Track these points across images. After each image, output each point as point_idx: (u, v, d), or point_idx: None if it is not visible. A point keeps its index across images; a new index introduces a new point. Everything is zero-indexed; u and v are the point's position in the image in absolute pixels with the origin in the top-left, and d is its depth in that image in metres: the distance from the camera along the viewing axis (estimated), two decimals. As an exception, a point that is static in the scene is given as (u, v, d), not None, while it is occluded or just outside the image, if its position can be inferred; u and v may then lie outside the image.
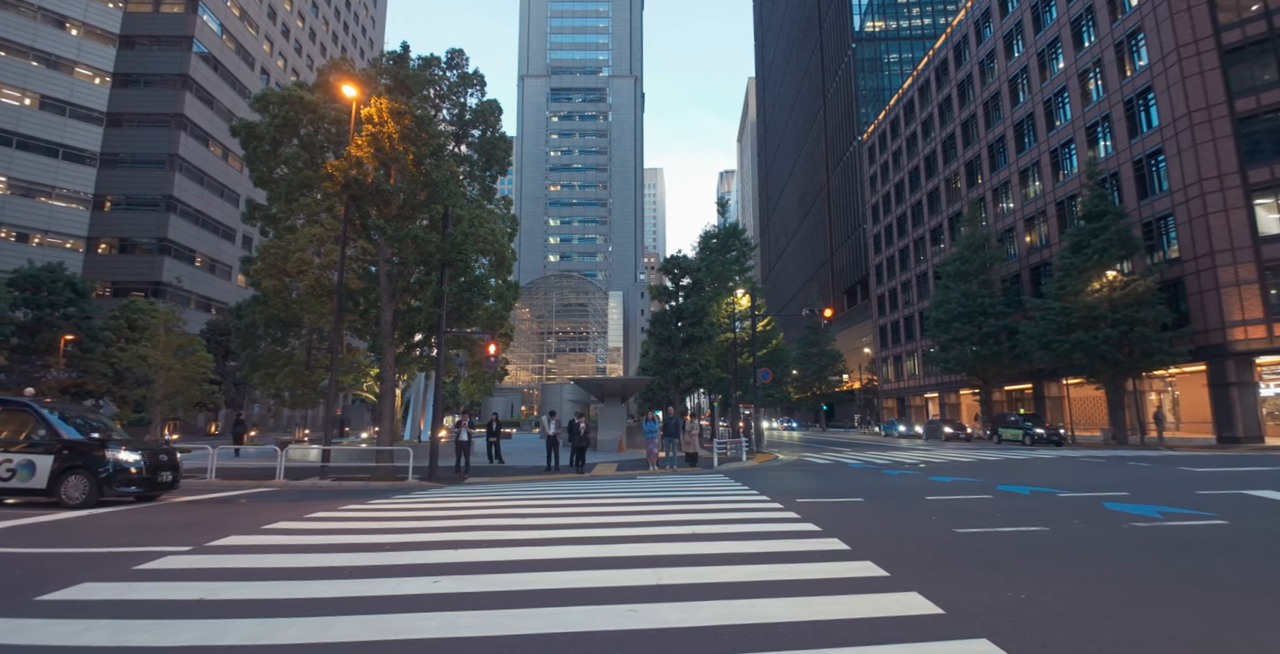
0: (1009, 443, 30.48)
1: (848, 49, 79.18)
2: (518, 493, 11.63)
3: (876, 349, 63.52)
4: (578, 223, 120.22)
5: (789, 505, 8.63)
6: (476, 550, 6.21)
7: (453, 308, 15.93)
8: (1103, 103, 33.92)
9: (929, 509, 8.31)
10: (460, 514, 8.78)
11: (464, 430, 15.58)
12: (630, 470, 16.47)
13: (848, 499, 9.40)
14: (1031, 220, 39.63)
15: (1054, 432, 29.00)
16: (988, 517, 7.64)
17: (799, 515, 7.69)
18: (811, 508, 8.48)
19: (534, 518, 8.31)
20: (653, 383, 28.57)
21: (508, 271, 22.33)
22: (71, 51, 53.38)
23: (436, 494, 11.81)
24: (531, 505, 9.57)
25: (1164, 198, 30.21)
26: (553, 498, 10.54)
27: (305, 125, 18.70)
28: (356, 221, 15.07)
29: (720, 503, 9.19)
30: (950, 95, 49.07)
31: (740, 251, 31.41)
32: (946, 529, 6.83)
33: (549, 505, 9.59)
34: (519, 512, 8.89)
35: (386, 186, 14.08)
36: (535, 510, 8.95)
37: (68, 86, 52.78)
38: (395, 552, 6.11)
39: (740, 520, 7.44)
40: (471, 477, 15.51)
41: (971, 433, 36.44)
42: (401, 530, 7.48)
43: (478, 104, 21.94)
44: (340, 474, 14.94)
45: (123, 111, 54.28)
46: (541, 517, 8.38)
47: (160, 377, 21.83)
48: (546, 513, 8.70)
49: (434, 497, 11.34)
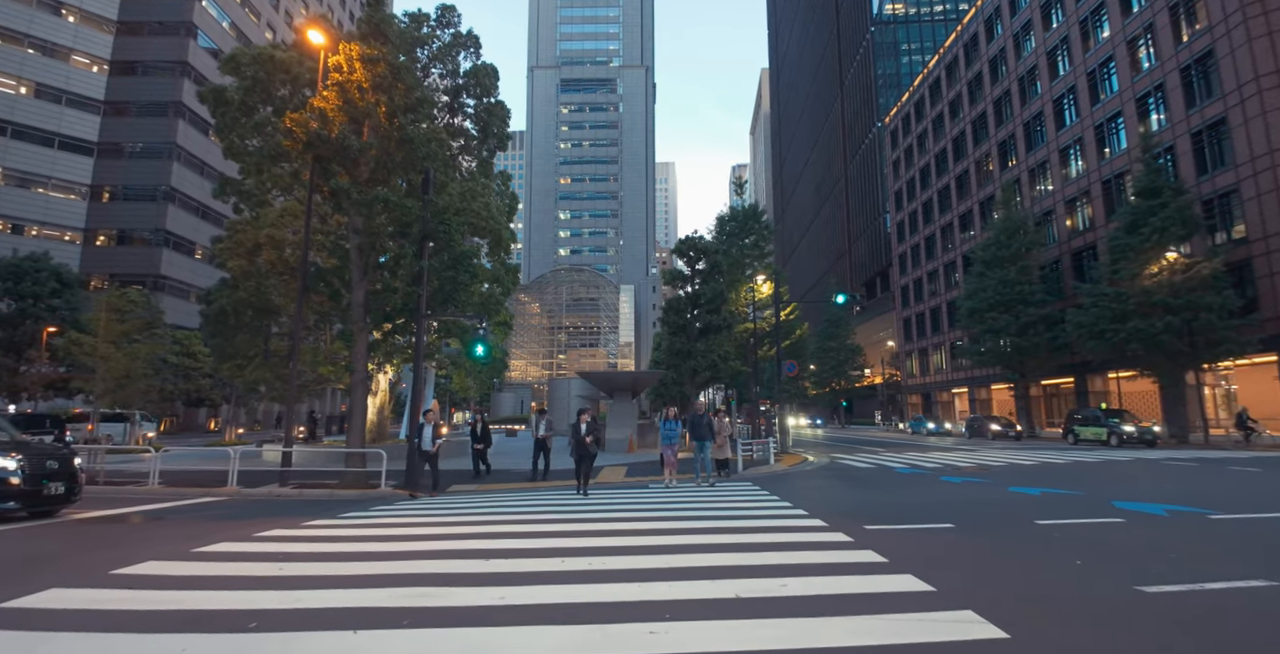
0: (1088, 443, 26.43)
1: (866, 33, 76.23)
2: (501, 510, 9.48)
3: (900, 342, 60.84)
4: (588, 216, 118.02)
5: (857, 537, 6.20)
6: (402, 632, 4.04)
7: (437, 289, 13.78)
8: (1155, 71, 31.14)
9: (1056, 544, 5.91)
10: (401, 551, 6.63)
11: (429, 430, 11.86)
12: (641, 476, 14.26)
13: (930, 525, 7.01)
14: (1073, 202, 36.87)
15: (1146, 431, 25.03)
16: (1158, 558, 5.29)
17: (883, 558, 5.27)
18: (889, 540, 6.20)
19: (514, 549, 6.16)
20: (666, 377, 26.35)
21: (505, 252, 20.20)
22: (68, 38, 51.93)
23: (404, 509, 9.70)
24: (514, 531, 7.39)
25: (1228, 172, 27.47)
26: (543, 518, 8.35)
27: (278, 87, 16.67)
28: (324, 188, 12.96)
29: (760, 530, 6.89)
30: (980, 72, 46.25)
31: (760, 235, 29.06)
32: (1119, 584, 4.52)
33: (537, 529, 7.42)
34: (493, 545, 6.72)
35: (353, 142, 11.93)
36: (515, 544, 6.75)
37: (64, 74, 51.37)
38: (298, 590, 4.03)
39: (801, 568, 5.07)
40: (458, 484, 13.39)
41: (1021, 431, 33.11)
42: (308, 577, 5.34)
43: (472, 67, 19.78)
44: (303, 480, 12.88)
45: (121, 100, 52.79)
46: (523, 549, 6.21)
47: (100, 366, 19.94)
48: (530, 542, 6.51)
49: (398, 513, 9.22)
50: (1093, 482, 11.81)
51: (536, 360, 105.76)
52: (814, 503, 9.10)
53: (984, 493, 10.48)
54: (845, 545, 5.94)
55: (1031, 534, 6.47)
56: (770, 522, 7.37)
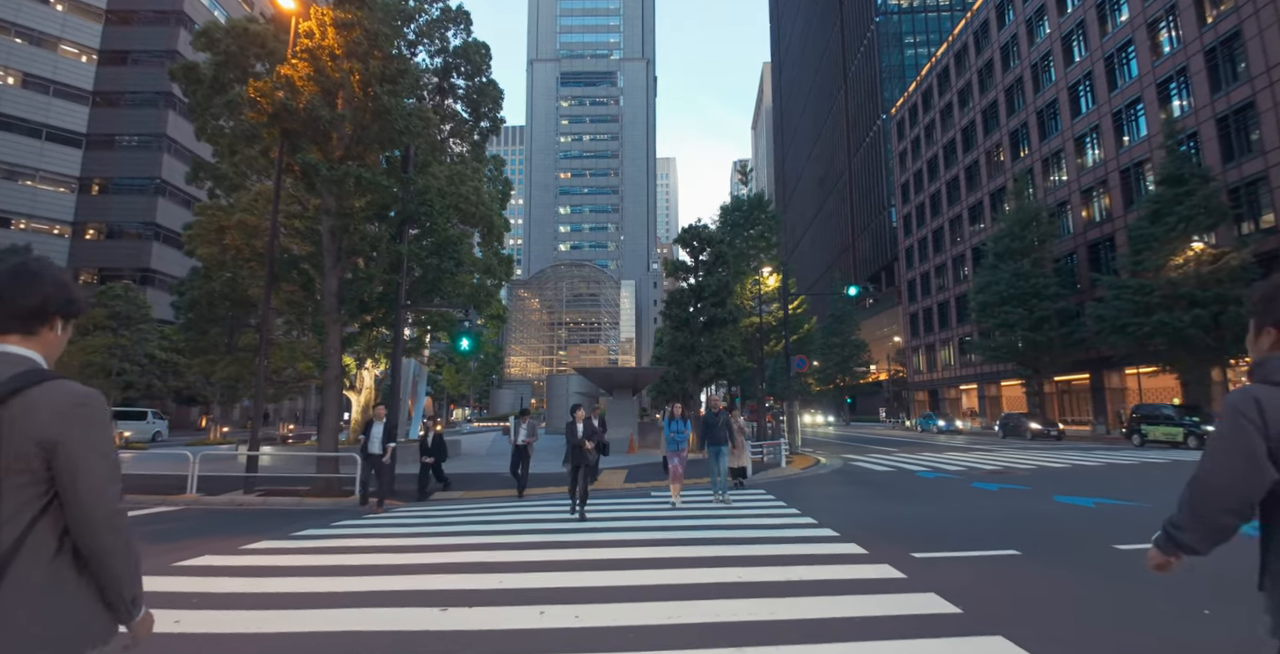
0: (1157, 444, 23.32)
1: (871, 24, 74.77)
2: (476, 530, 8.35)
3: (906, 338, 59.64)
4: (589, 211, 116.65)
5: (909, 571, 5.06)
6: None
7: (419, 278, 12.61)
8: (1177, 54, 29.85)
9: (1159, 581, 4.30)
10: (337, 593, 5.47)
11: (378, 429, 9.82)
12: (643, 481, 13.13)
13: (990, 552, 5.72)
14: (1089, 192, 35.61)
15: None
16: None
17: (954, 607, 3.90)
18: (949, 576, 4.97)
19: (482, 591, 5.03)
20: (668, 373, 25.19)
21: (498, 241, 19.02)
22: (56, 28, 50.76)
23: (365, 528, 8.57)
24: (484, 562, 6.24)
25: (1256, 159, 26.22)
26: (522, 543, 7.20)
27: (253, 62, 15.52)
28: (295, 167, 11.78)
29: (787, 560, 5.62)
30: (991, 59, 44.92)
31: (766, 226, 27.83)
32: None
33: (513, 559, 6.28)
34: (456, 584, 5.58)
35: (324, 113, 10.74)
36: (484, 582, 5.57)
37: (52, 64, 50.22)
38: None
39: (852, 627, 3.79)
40: (441, 493, 12.29)
41: (1064, 430, 30.54)
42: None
43: (462, 44, 18.56)
44: (272, 486, 11.75)
45: (110, 90, 51.62)
46: (492, 592, 5.08)
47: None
48: (502, 579, 5.36)
49: (357, 532, 8.09)
50: (1139, 487, 10.65)
51: (536, 357, 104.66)
52: (842, 519, 7.92)
53: (1028, 504, 9.33)
54: (899, 586, 4.77)
55: (1121, 566, 5.30)
56: (798, 548, 6.19)
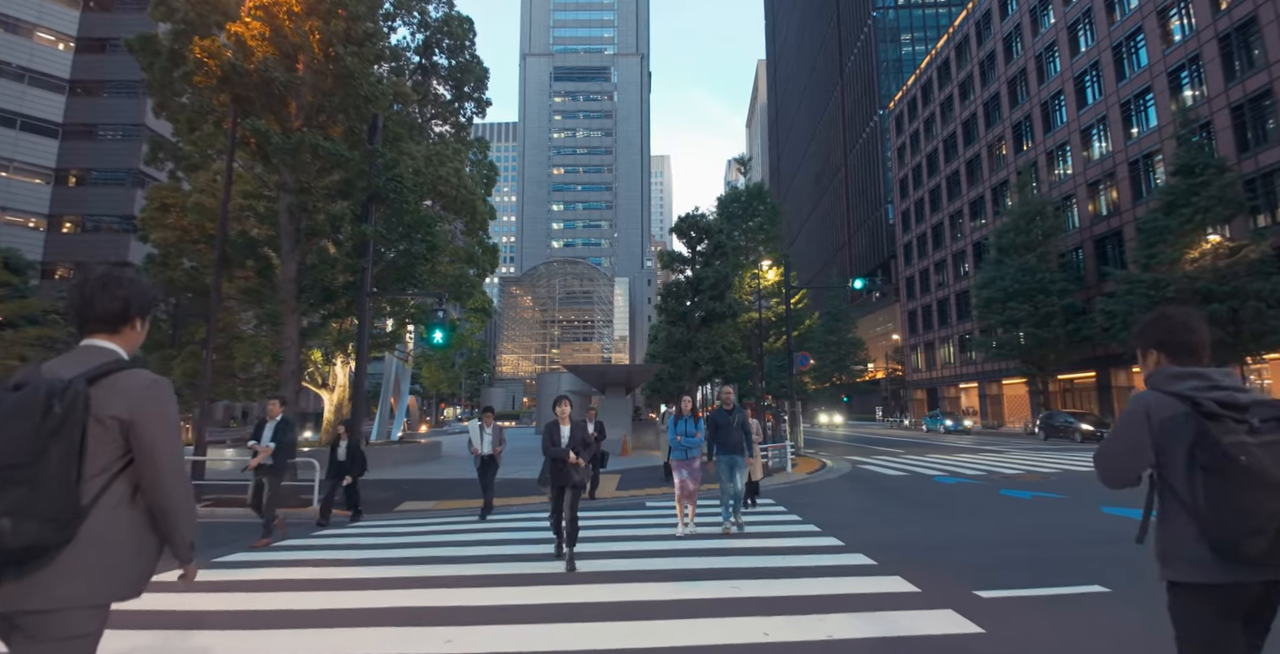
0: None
1: (868, 18, 73.73)
2: (441, 552, 7.18)
3: (904, 336, 58.68)
4: (582, 208, 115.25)
5: (985, 621, 3.86)
6: None
7: (389, 263, 11.39)
8: (1190, 42, 28.87)
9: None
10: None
11: (269, 430, 7.28)
12: (636, 488, 11.96)
13: (1070, 588, 4.56)
14: (1096, 185, 34.64)
15: None
16: None
17: None
18: (1027, 622, 3.85)
19: (434, 644, 3.86)
20: (663, 371, 24.06)
21: (482, 229, 17.81)
22: (32, 14, 49.22)
23: (312, 547, 7.39)
24: (438, 610, 5.06)
25: (1273, 148, 25.26)
26: (485, 580, 6.02)
27: (213, 29, 14.26)
28: (250, 139, 10.53)
29: (823, 603, 4.39)
30: (994, 51, 43.91)
31: (766, 217, 26.68)
32: None
33: (471, 603, 5.11)
34: (406, 630, 4.41)
35: (277, 74, 9.50)
36: (436, 644, 4.34)
37: (27, 52, 48.69)
38: None
39: None
40: (411, 501, 11.09)
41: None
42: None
43: (444, 16, 17.35)
44: (223, 495, 10.52)
45: (87, 79, 50.08)
46: (443, 646, 3.91)
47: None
48: (457, 644, 4.15)
49: (294, 556, 6.90)
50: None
51: (529, 355, 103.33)
52: (872, 540, 6.72)
53: (1074, 517, 8.22)
54: (982, 647, 3.62)
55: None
56: (831, 584, 4.96)
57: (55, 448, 1.49)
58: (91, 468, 1.56)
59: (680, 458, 7.31)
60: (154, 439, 1.63)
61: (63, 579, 1.51)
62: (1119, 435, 1.94)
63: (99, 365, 1.62)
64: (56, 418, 1.50)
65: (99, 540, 1.56)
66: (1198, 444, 1.76)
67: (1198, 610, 1.82)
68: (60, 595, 1.51)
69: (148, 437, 1.62)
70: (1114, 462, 1.95)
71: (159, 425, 1.64)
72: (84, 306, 1.72)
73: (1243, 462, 1.67)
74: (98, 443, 1.57)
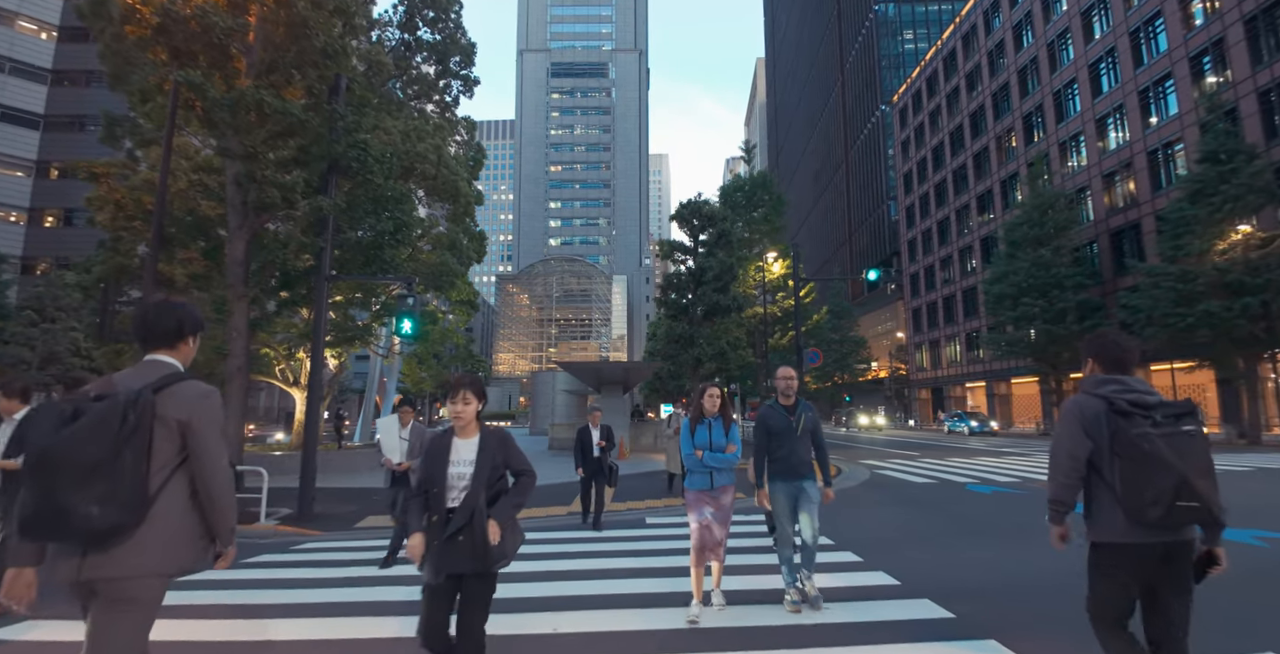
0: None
1: (870, 12, 72.44)
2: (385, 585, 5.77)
3: (908, 334, 57.43)
4: (580, 205, 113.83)
5: None
6: None
7: (354, 245, 10.06)
8: (1213, 25, 27.62)
9: None
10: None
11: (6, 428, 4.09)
12: (635, 500, 10.63)
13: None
14: (1111, 176, 33.39)
15: None
16: None
17: None
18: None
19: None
20: (662, 369, 22.73)
21: (468, 215, 16.49)
22: (12, 2, 47.91)
23: (244, 579, 6.07)
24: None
25: (1305, 135, 24.05)
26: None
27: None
28: (195, 102, 9.18)
29: None
30: (1002, 40, 42.66)
31: (770, 208, 25.36)
32: None
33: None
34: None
35: (217, 20, 8.17)
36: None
37: (7, 41, 47.38)
38: None
39: None
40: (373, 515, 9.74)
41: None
42: None
43: (426, -16, 16.00)
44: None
45: (70, 69, 48.75)
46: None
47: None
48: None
49: (233, 587, 5.58)
50: (1257, 504, 8.26)
51: (525, 354, 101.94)
52: (932, 579, 5.24)
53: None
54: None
55: None
56: (909, 650, 3.69)
57: (130, 447, 1.85)
58: (156, 463, 1.92)
59: (703, 486, 4.41)
60: (205, 439, 2.00)
61: (136, 553, 1.86)
62: (1062, 432, 2.43)
63: (162, 377, 2.02)
64: (131, 423, 1.85)
65: (164, 522, 1.92)
66: (1114, 435, 2.28)
67: (1110, 565, 2.36)
68: (134, 565, 1.86)
69: (200, 437, 1.99)
70: (1066, 454, 2.39)
71: (210, 428, 2.02)
72: (146, 328, 2.14)
73: (1145, 448, 2.18)
74: (161, 442, 1.94)
